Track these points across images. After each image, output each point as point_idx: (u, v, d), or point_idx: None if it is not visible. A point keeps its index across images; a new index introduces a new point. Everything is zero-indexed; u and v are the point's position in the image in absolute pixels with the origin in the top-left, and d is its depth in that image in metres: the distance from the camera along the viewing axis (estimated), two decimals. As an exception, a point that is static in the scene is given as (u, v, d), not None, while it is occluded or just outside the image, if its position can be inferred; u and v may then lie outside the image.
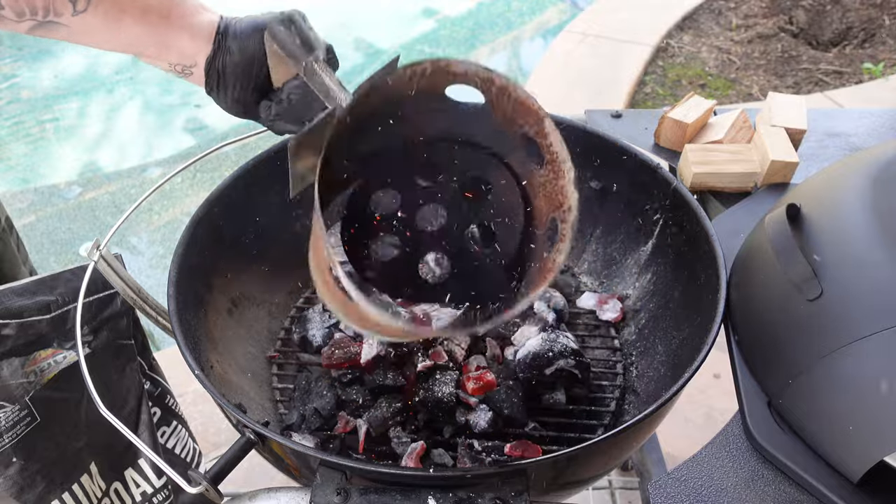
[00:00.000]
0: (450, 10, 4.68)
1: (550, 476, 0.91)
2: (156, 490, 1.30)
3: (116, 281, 1.09)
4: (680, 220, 1.15)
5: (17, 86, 3.97)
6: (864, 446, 0.79)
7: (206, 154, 1.25)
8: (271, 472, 1.04)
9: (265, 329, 1.29)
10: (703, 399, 1.97)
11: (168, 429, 1.34)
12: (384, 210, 0.91)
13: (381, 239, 0.91)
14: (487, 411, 1.06)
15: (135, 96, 3.87)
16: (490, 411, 1.07)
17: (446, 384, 1.09)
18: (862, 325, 0.81)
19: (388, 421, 1.08)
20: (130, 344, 1.23)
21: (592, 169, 1.32)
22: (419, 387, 1.10)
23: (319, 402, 1.13)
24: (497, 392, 1.08)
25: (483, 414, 1.06)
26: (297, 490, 0.86)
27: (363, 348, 1.14)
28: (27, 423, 1.08)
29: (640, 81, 3.60)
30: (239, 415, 0.86)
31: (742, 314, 0.99)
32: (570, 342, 1.14)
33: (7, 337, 1.03)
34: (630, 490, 1.81)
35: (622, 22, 4.02)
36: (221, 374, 1.08)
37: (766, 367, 0.93)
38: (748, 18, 4.06)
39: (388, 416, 1.08)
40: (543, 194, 0.79)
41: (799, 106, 1.36)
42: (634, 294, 1.31)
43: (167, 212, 3.09)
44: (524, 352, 1.13)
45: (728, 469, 0.88)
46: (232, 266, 1.22)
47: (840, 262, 0.86)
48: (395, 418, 1.08)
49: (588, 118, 1.48)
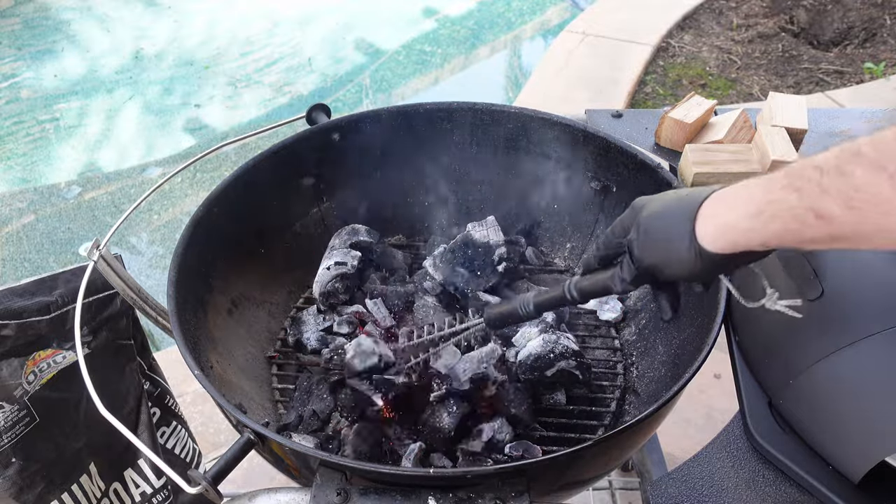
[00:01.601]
0: (450, 9, 4.67)
1: (551, 476, 0.91)
2: (155, 490, 1.30)
3: (116, 281, 1.09)
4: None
5: (17, 86, 3.97)
6: (864, 446, 0.79)
7: (206, 154, 1.25)
8: (271, 472, 1.04)
9: (265, 329, 1.29)
10: (704, 399, 1.97)
11: (168, 429, 1.34)
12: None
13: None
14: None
15: (135, 96, 3.87)
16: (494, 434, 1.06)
17: (451, 412, 1.06)
18: (862, 325, 0.81)
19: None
20: (130, 344, 1.23)
21: (593, 169, 1.32)
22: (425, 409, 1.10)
23: (319, 405, 1.13)
24: (506, 392, 1.08)
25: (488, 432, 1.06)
26: (297, 490, 0.86)
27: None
28: (26, 424, 1.08)
29: (641, 81, 3.59)
30: (239, 415, 0.86)
31: (742, 314, 0.99)
32: (570, 343, 1.14)
33: (7, 337, 1.03)
34: (630, 490, 1.81)
35: (623, 22, 4.02)
36: (221, 375, 1.08)
37: (766, 367, 0.93)
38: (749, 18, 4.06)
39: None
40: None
41: (800, 106, 1.36)
42: (635, 294, 1.31)
43: (167, 212, 3.08)
44: (525, 353, 1.13)
45: (728, 469, 0.87)
46: (232, 266, 1.22)
47: (840, 262, 0.86)
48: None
49: (588, 118, 1.47)
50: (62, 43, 4.36)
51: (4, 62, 4.16)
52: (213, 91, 3.91)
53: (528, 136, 1.36)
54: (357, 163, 1.38)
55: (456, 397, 1.07)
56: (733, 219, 0.66)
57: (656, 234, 0.74)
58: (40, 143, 3.53)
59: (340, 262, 1.28)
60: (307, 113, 1.35)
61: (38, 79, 4.02)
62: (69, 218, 3.05)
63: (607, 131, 1.28)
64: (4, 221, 3.03)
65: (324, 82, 3.98)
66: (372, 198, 1.43)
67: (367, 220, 1.42)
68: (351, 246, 1.33)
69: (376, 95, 3.94)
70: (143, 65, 4.15)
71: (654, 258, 0.75)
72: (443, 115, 1.36)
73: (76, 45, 4.34)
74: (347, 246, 1.32)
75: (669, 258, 0.73)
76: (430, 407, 1.08)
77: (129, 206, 1.12)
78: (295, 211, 1.37)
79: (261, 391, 1.19)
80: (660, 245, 0.74)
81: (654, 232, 0.74)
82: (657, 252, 0.74)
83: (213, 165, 3.22)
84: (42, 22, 4.58)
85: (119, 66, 4.13)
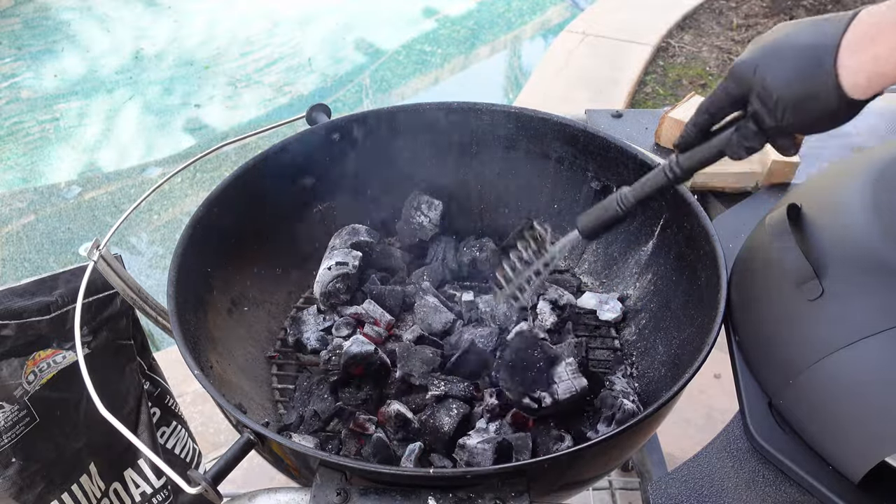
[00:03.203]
0: (450, 9, 4.68)
1: (551, 476, 0.91)
2: (155, 490, 1.30)
3: (116, 281, 1.09)
4: (680, 220, 1.15)
5: (17, 86, 3.97)
6: (864, 447, 0.79)
7: (206, 154, 1.25)
8: (271, 472, 1.04)
9: (265, 329, 1.29)
10: (704, 399, 1.97)
11: (168, 429, 1.34)
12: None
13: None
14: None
15: (135, 96, 3.87)
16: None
17: (451, 416, 1.06)
18: (862, 325, 0.81)
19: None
20: (130, 344, 1.22)
21: (593, 169, 1.32)
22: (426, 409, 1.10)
23: (320, 406, 1.13)
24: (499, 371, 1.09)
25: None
26: (297, 490, 0.86)
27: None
28: (26, 424, 1.08)
29: (641, 81, 3.60)
30: (239, 415, 0.86)
31: (742, 314, 0.99)
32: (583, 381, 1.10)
33: (7, 337, 1.03)
34: (630, 490, 1.81)
35: (623, 21, 4.02)
36: (221, 375, 1.08)
37: (766, 367, 0.93)
38: (749, 18, 4.06)
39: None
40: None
41: (799, 106, 1.36)
42: (635, 294, 1.31)
43: (167, 212, 3.08)
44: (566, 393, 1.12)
45: (728, 469, 0.87)
46: (232, 266, 1.22)
47: (840, 262, 0.86)
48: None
49: (588, 118, 1.48)
50: (62, 43, 4.36)
51: (4, 62, 4.16)
52: (213, 91, 3.91)
53: (528, 136, 1.36)
54: (357, 163, 1.38)
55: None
56: (883, 68, 0.63)
57: (793, 87, 0.69)
58: (40, 143, 3.53)
59: (341, 262, 1.28)
60: (307, 113, 1.35)
61: (38, 79, 4.02)
62: (69, 218, 3.05)
63: (607, 131, 1.28)
64: (4, 221, 3.03)
65: (324, 82, 3.99)
66: (372, 197, 1.43)
67: (367, 220, 1.42)
68: (351, 246, 1.33)
69: (376, 95, 3.94)
70: (143, 65, 4.15)
71: (792, 115, 0.70)
72: (443, 115, 1.36)
73: (76, 45, 4.34)
74: (348, 246, 1.32)
75: (810, 113, 0.69)
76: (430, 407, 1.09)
77: (129, 206, 1.12)
78: (295, 211, 1.37)
79: (261, 391, 1.19)
80: (799, 100, 0.69)
81: (790, 86, 0.69)
82: (796, 108, 0.69)
83: (213, 165, 3.22)
84: (42, 22, 4.58)
85: (119, 67, 4.14)
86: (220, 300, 1.18)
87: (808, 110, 0.69)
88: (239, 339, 1.21)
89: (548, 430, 1.07)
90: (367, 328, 1.24)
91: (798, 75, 0.69)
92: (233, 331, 1.20)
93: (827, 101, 0.67)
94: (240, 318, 1.23)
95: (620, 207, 0.90)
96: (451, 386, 1.10)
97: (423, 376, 1.12)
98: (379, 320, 1.26)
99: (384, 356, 1.15)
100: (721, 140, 0.79)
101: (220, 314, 1.18)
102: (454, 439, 1.04)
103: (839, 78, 0.66)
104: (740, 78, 0.74)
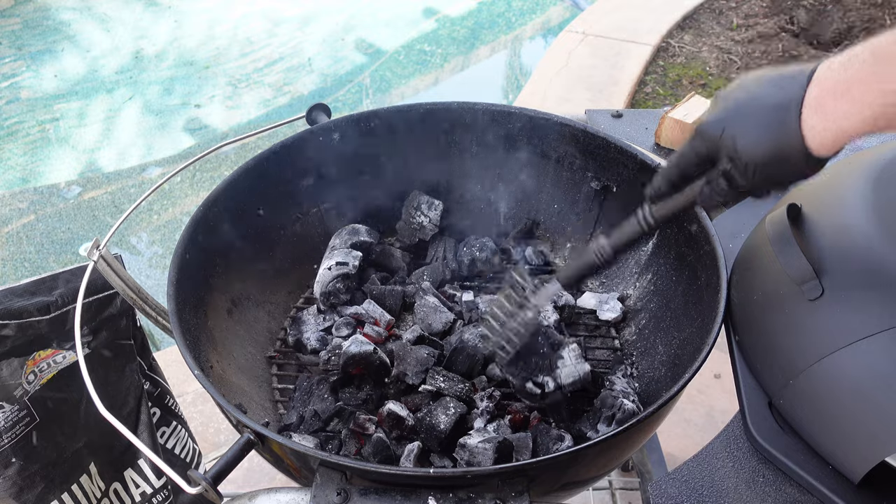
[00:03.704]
0: (450, 9, 4.68)
1: (551, 476, 0.91)
2: (155, 490, 1.30)
3: (116, 281, 1.09)
4: (680, 220, 1.15)
5: (17, 86, 3.97)
6: (864, 447, 0.79)
7: (206, 154, 1.25)
8: (271, 472, 1.04)
9: (265, 329, 1.29)
10: (704, 399, 1.97)
11: (168, 429, 1.33)
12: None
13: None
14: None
15: (135, 96, 3.87)
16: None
17: (447, 414, 1.06)
18: (862, 325, 0.81)
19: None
20: (130, 344, 1.22)
21: (593, 169, 1.32)
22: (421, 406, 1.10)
23: (320, 406, 1.13)
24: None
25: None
26: (297, 490, 0.86)
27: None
28: (26, 424, 1.08)
29: (641, 81, 3.59)
30: (239, 415, 0.86)
31: (742, 314, 0.99)
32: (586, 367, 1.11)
33: (7, 337, 1.03)
34: (630, 490, 1.81)
35: (623, 21, 4.02)
36: (221, 374, 1.08)
37: (766, 367, 0.93)
38: (749, 18, 4.06)
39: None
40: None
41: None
42: (635, 294, 1.31)
43: (167, 212, 3.09)
44: (569, 379, 1.12)
45: (728, 469, 0.87)
46: (232, 266, 1.22)
47: (840, 262, 0.86)
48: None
49: (588, 118, 1.47)
50: (62, 43, 4.36)
51: (4, 62, 4.16)
52: (213, 91, 3.91)
53: (528, 136, 1.36)
54: (357, 163, 1.38)
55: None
56: (848, 126, 0.65)
57: (762, 150, 0.71)
58: (40, 143, 3.53)
59: (342, 262, 1.28)
60: (307, 113, 1.35)
61: (38, 79, 4.02)
62: (69, 218, 3.05)
63: (607, 131, 1.28)
64: (4, 221, 3.03)
65: (324, 82, 3.99)
66: (372, 198, 1.43)
67: (367, 220, 1.42)
68: (351, 246, 1.33)
69: (376, 95, 3.94)
70: (143, 65, 4.15)
71: (762, 176, 0.72)
72: (443, 116, 1.36)
73: (76, 46, 4.34)
74: (348, 246, 1.32)
75: (780, 174, 0.71)
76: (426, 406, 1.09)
77: (129, 206, 1.12)
78: (295, 211, 1.37)
79: (261, 391, 1.19)
80: (768, 163, 0.71)
81: (759, 148, 0.71)
82: (766, 169, 0.72)
83: (213, 165, 3.22)
84: (42, 22, 4.58)
85: (119, 67, 4.13)
86: (220, 300, 1.18)
87: (778, 171, 0.72)
88: (239, 339, 1.21)
89: (548, 429, 1.07)
90: (367, 328, 1.24)
91: (766, 138, 0.71)
92: (233, 331, 1.20)
93: (796, 161, 0.70)
94: (240, 318, 1.23)
95: (598, 258, 0.94)
96: (450, 384, 1.10)
97: (418, 375, 1.12)
98: (379, 320, 1.26)
99: (384, 356, 1.15)
100: (693, 191, 0.82)
101: (220, 314, 1.18)
102: (451, 439, 1.04)
103: (805, 140, 0.68)
104: (708, 138, 0.77)
